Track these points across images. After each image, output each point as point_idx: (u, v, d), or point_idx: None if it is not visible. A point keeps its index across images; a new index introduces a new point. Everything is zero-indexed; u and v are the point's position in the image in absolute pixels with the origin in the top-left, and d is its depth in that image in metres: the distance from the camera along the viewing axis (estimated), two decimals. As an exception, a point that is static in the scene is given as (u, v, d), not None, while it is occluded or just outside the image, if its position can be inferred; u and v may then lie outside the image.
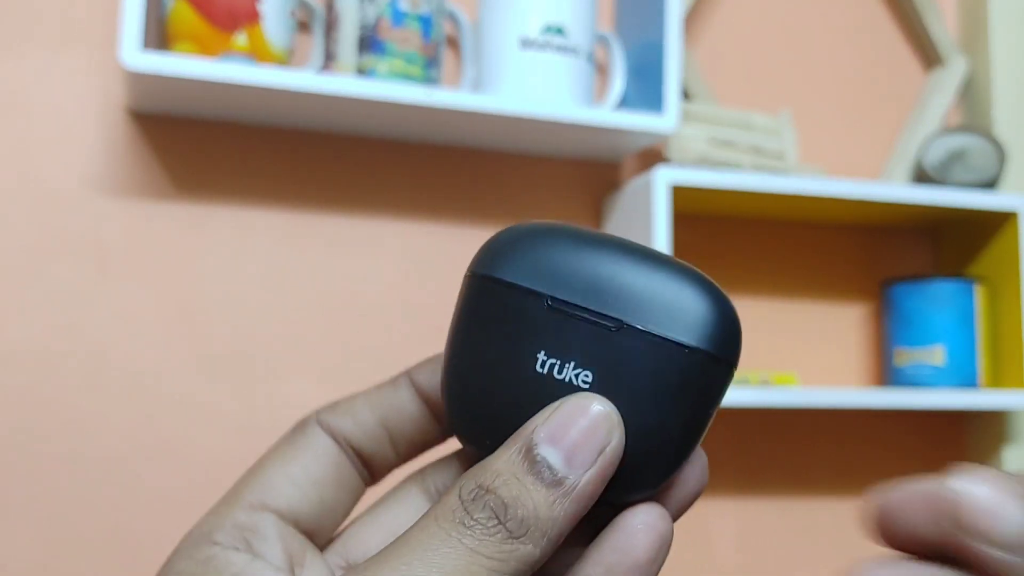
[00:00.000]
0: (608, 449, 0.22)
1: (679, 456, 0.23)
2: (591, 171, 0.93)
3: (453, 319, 0.25)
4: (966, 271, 0.98)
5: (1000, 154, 0.94)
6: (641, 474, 0.23)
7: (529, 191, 0.90)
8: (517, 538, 0.21)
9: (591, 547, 0.23)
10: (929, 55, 1.05)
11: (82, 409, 0.77)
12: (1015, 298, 0.91)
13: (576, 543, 0.24)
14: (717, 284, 0.24)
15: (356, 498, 0.26)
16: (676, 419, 0.23)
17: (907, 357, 0.92)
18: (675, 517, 0.24)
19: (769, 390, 0.81)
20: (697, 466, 0.25)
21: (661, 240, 0.79)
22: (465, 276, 0.26)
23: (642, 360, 0.23)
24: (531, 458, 0.21)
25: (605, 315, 0.23)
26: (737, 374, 0.74)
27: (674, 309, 0.23)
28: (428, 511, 0.22)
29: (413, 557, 0.20)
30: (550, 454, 0.21)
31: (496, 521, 0.21)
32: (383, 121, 0.81)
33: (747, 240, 0.96)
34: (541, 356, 0.23)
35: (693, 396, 0.23)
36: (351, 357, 0.84)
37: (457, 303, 0.26)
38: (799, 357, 0.97)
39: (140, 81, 0.71)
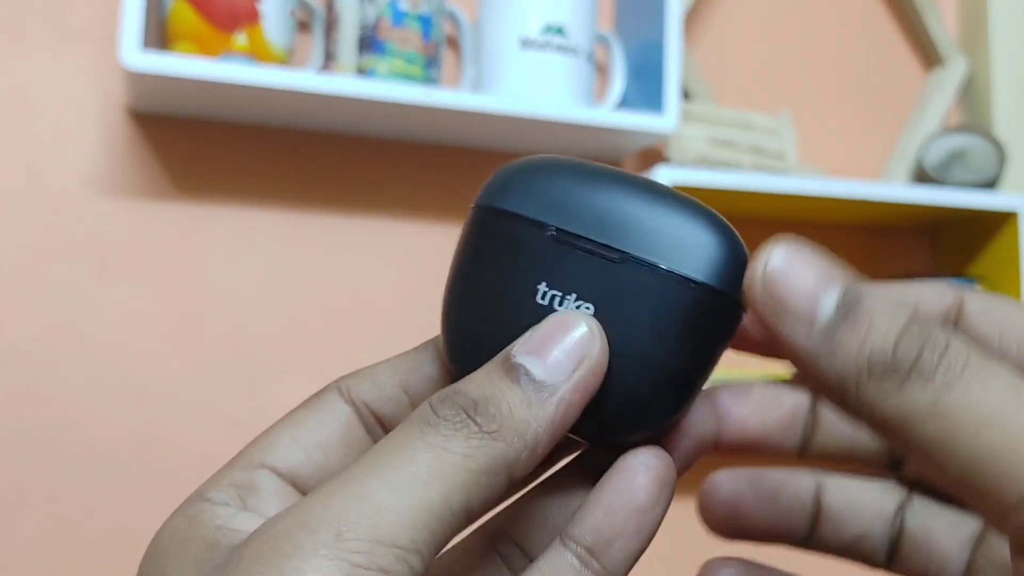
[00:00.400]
0: (587, 360, 0.21)
1: (681, 396, 0.23)
2: (591, 171, 0.92)
3: (456, 252, 0.25)
4: (966, 271, 0.98)
5: (1000, 154, 0.94)
6: (641, 412, 0.22)
7: (529, 191, 0.90)
8: (488, 433, 0.20)
9: (592, 490, 0.22)
10: (929, 55, 1.05)
11: (82, 409, 0.77)
12: (1015, 298, 0.91)
13: (578, 489, 0.23)
14: (726, 221, 0.24)
15: None
16: (678, 356, 0.22)
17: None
18: (682, 469, 0.23)
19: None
20: (705, 414, 0.24)
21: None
22: (470, 208, 0.25)
23: (645, 294, 0.22)
24: (508, 365, 0.21)
25: (609, 246, 0.22)
26: (737, 375, 0.74)
27: (682, 243, 0.22)
28: (399, 424, 0.21)
29: (373, 464, 0.19)
30: (527, 361, 0.21)
31: (464, 416, 0.20)
32: (383, 121, 0.81)
33: (747, 240, 0.96)
34: (542, 288, 0.22)
35: (698, 334, 0.22)
36: (351, 357, 0.84)
37: (460, 236, 0.25)
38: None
39: (140, 81, 0.71)
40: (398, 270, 0.86)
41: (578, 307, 0.22)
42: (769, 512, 0.25)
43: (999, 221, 0.93)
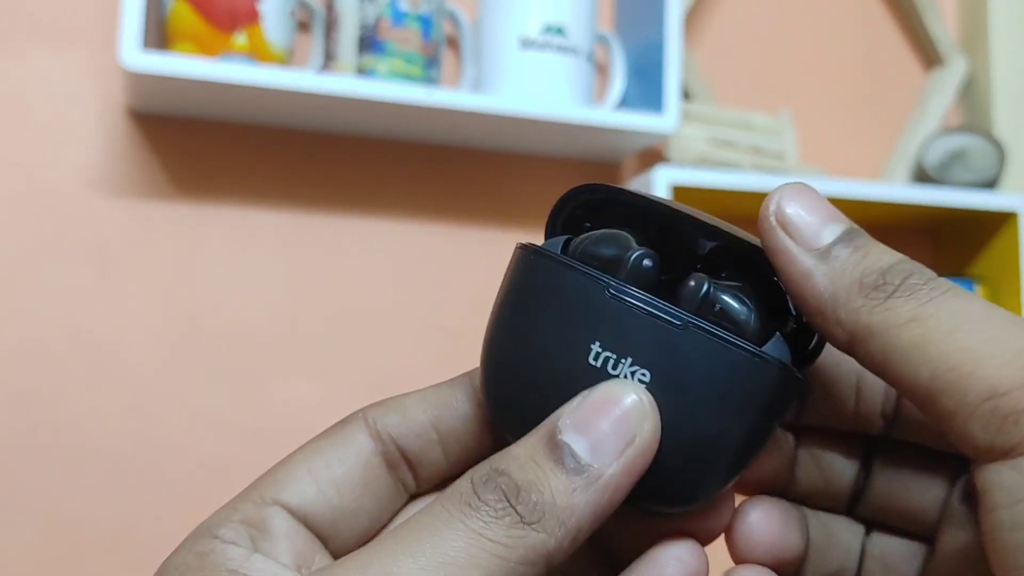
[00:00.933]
0: (638, 440, 0.20)
1: (733, 470, 0.21)
2: (591, 171, 0.92)
3: (500, 293, 0.23)
4: (966, 271, 0.98)
5: (1000, 154, 0.94)
6: (690, 486, 0.21)
7: (529, 191, 0.90)
8: (529, 524, 0.19)
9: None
10: (929, 55, 1.05)
11: (82, 409, 0.77)
12: (1015, 298, 0.91)
13: (601, 570, 0.22)
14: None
15: (387, 506, 0.23)
16: (736, 431, 0.21)
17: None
18: (711, 538, 0.23)
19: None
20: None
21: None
22: (518, 247, 0.23)
23: (707, 364, 0.20)
24: (553, 443, 0.20)
25: (671, 310, 0.21)
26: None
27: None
28: (437, 497, 0.20)
29: (410, 542, 0.19)
30: (574, 440, 0.20)
31: (506, 503, 0.19)
32: (383, 121, 0.81)
33: (747, 240, 0.96)
34: (595, 348, 0.21)
35: (758, 408, 0.21)
36: (351, 357, 0.84)
37: (505, 275, 0.23)
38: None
39: (140, 81, 0.71)
40: (398, 270, 0.86)
41: (633, 372, 0.21)
42: (801, 542, 0.24)
43: (999, 221, 0.93)
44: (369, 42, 0.76)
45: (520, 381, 0.22)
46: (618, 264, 0.21)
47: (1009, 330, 0.18)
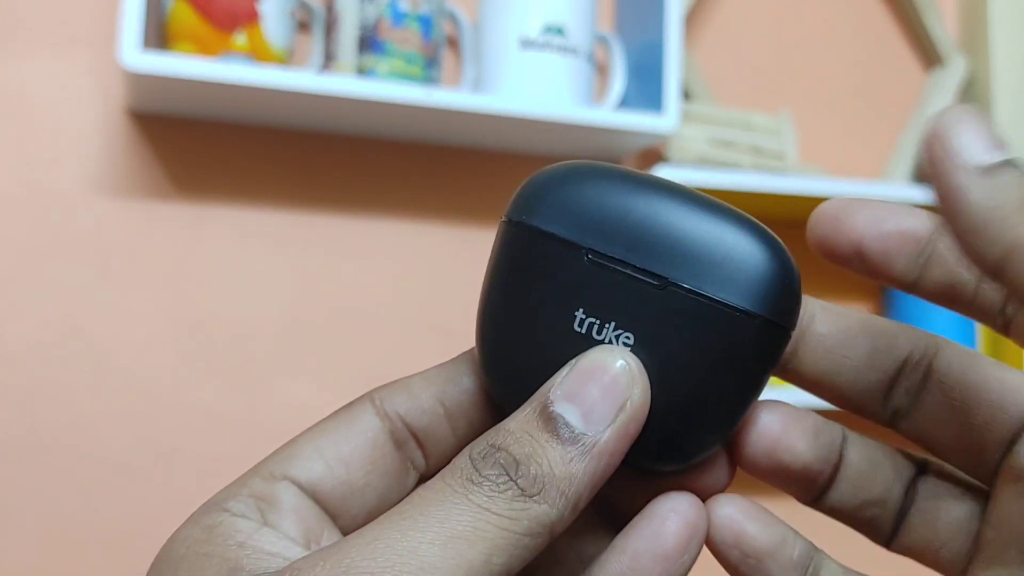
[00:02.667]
0: (629, 404, 0.20)
1: (725, 426, 0.22)
2: (591, 171, 0.92)
3: (487, 269, 0.23)
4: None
5: (1000, 154, 0.94)
6: (683, 443, 0.22)
7: (529, 191, 0.90)
8: (531, 496, 0.19)
9: (619, 534, 0.22)
10: (929, 55, 1.05)
11: (82, 408, 0.77)
12: (1015, 298, 0.91)
13: (604, 530, 0.23)
14: (778, 238, 0.22)
15: (396, 484, 0.24)
16: (724, 386, 0.21)
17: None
18: (709, 495, 0.23)
19: (769, 391, 0.81)
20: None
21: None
22: (500, 222, 0.23)
23: (689, 323, 0.21)
24: (546, 415, 0.20)
25: (649, 271, 0.21)
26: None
27: (728, 266, 0.21)
28: (437, 474, 0.20)
29: (416, 518, 0.19)
30: (567, 410, 0.20)
31: (507, 477, 0.19)
32: (383, 121, 0.81)
33: (747, 240, 0.96)
34: (579, 314, 0.21)
35: (744, 363, 0.21)
36: (351, 356, 0.84)
37: (492, 251, 0.23)
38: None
39: (140, 81, 0.71)
40: (398, 270, 0.86)
41: (617, 336, 0.21)
42: (807, 452, 0.24)
43: (999, 221, 0.93)
44: (369, 42, 0.76)
45: (512, 355, 0.22)
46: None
47: None
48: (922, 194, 0.89)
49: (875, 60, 1.04)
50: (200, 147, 0.82)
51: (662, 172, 0.80)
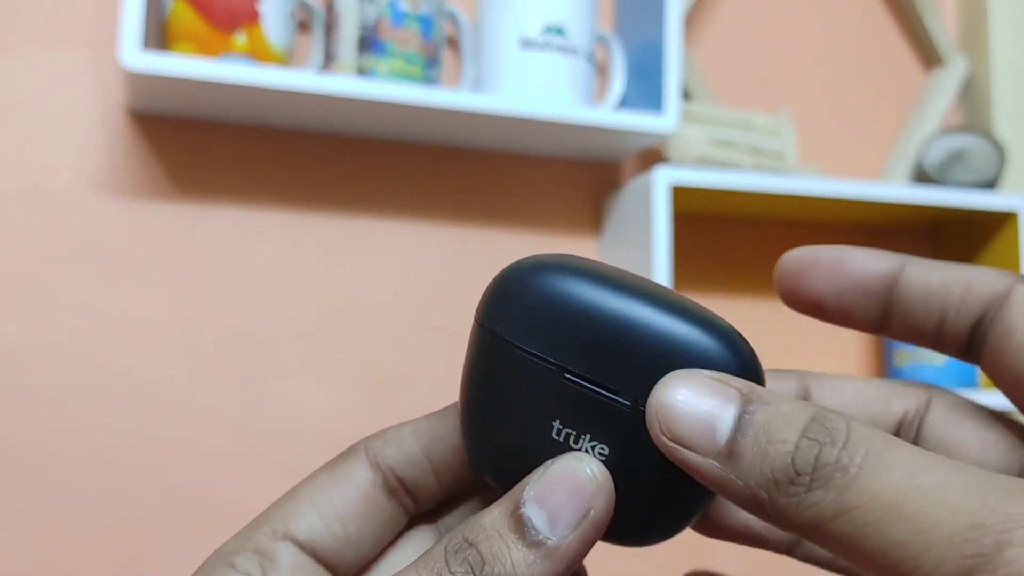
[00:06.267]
0: (593, 512, 0.22)
1: (688, 517, 0.23)
2: (591, 171, 0.93)
3: (466, 363, 0.24)
4: (966, 271, 0.98)
5: (1000, 154, 0.94)
6: (647, 533, 0.23)
7: (529, 191, 0.90)
8: None
9: None
10: (929, 55, 1.05)
11: (82, 409, 0.77)
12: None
13: None
14: (744, 344, 0.23)
15: (389, 529, 0.26)
16: (688, 486, 0.22)
17: (908, 357, 0.92)
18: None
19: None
20: None
21: (661, 240, 0.79)
22: (474, 321, 0.24)
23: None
24: (516, 516, 0.22)
25: (621, 394, 0.22)
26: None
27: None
28: (413, 563, 0.22)
29: None
30: (535, 513, 0.22)
31: (472, 574, 0.21)
32: (383, 121, 0.81)
33: (747, 240, 0.96)
34: (556, 425, 0.23)
35: None
36: (351, 356, 0.84)
37: (469, 347, 0.24)
38: (800, 358, 0.97)
39: (140, 81, 0.71)
40: (398, 270, 0.86)
41: (593, 446, 0.22)
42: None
43: (999, 221, 0.93)
44: (369, 42, 0.76)
45: (495, 443, 0.24)
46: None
47: (936, 512, 0.17)
48: (922, 194, 0.89)
49: (875, 60, 1.04)
50: (200, 147, 0.82)
51: (662, 172, 0.80)
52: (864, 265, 0.24)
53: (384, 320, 0.85)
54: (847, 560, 0.19)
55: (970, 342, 0.24)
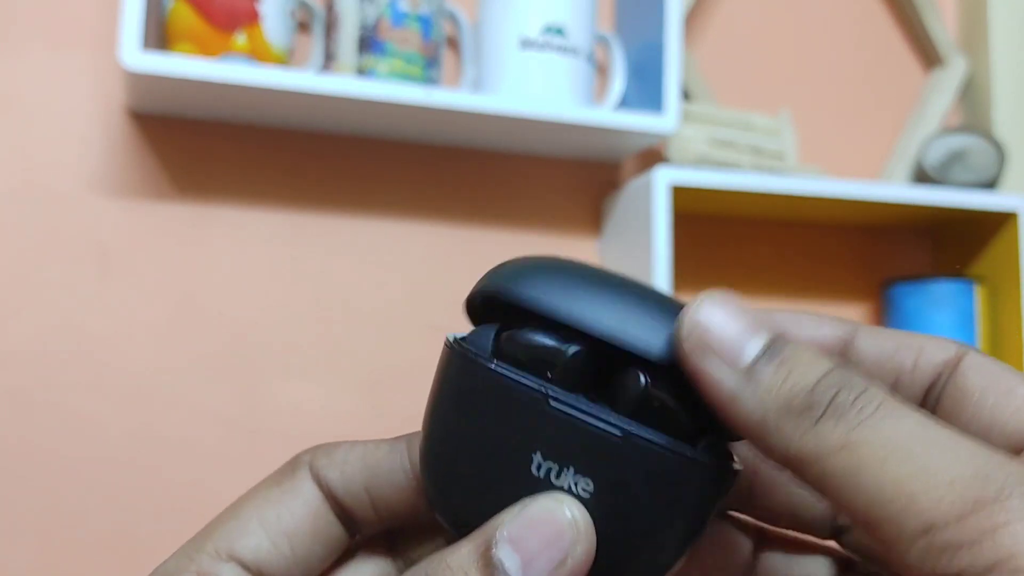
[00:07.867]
0: (570, 561, 0.20)
1: (668, 565, 0.22)
2: (591, 171, 0.93)
3: (433, 389, 0.22)
4: (966, 271, 0.98)
5: (1000, 154, 0.94)
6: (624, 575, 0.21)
7: (529, 191, 0.90)
8: None
9: None
10: (929, 55, 1.05)
11: (81, 409, 0.77)
12: (1015, 298, 0.91)
13: None
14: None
15: (337, 549, 0.25)
16: (673, 529, 0.21)
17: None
18: None
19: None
20: None
21: (661, 240, 0.79)
22: (446, 342, 0.22)
23: (647, 471, 0.20)
24: (487, 559, 0.20)
25: (611, 420, 0.20)
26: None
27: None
28: None
29: None
30: (507, 557, 0.20)
31: None
32: (383, 121, 0.81)
33: (747, 240, 0.96)
34: (537, 458, 0.21)
35: (696, 506, 0.21)
36: (351, 356, 0.84)
37: (438, 370, 0.22)
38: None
39: (140, 81, 0.71)
40: (398, 270, 0.86)
41: (576, 483, 0.21)
42: (705, 562, 0.25)
43: (999, 221, 0.93)
44: (369, 42, 0.76)
45: (460, 481, 0.21)
46: (553, 363, 0.21)
47: (943, 457, 0.18)
48: (922, 194, 0.89)
49: (875, 60, 1.04)
50: (200, 147, 0.82)
51: (662, 172, 0.80)
52: (816, 331, 0.24)
53: (384, 320, 0.85)
54: (830, 500, 0.19)
55: (922, 406, 0.24)
